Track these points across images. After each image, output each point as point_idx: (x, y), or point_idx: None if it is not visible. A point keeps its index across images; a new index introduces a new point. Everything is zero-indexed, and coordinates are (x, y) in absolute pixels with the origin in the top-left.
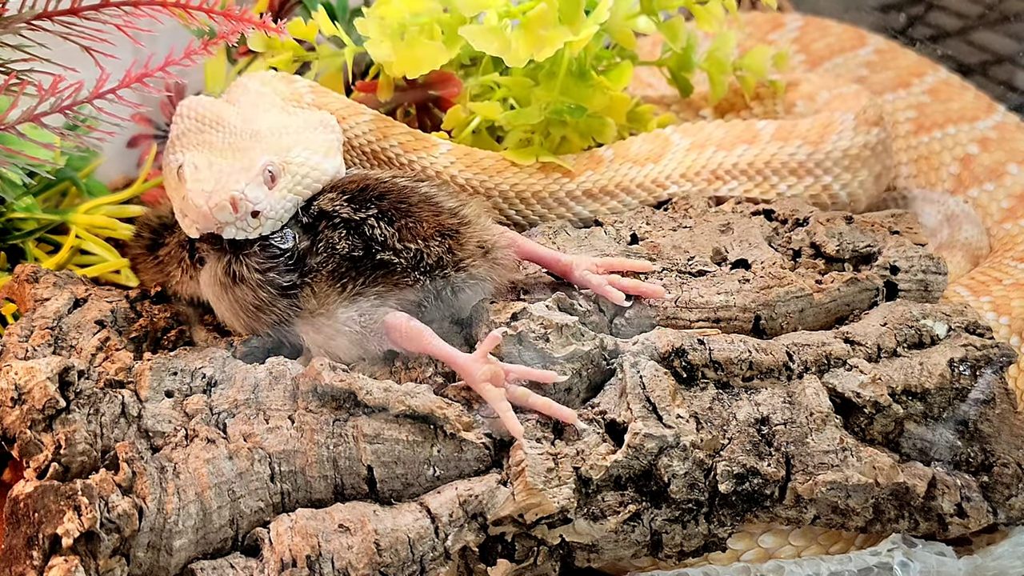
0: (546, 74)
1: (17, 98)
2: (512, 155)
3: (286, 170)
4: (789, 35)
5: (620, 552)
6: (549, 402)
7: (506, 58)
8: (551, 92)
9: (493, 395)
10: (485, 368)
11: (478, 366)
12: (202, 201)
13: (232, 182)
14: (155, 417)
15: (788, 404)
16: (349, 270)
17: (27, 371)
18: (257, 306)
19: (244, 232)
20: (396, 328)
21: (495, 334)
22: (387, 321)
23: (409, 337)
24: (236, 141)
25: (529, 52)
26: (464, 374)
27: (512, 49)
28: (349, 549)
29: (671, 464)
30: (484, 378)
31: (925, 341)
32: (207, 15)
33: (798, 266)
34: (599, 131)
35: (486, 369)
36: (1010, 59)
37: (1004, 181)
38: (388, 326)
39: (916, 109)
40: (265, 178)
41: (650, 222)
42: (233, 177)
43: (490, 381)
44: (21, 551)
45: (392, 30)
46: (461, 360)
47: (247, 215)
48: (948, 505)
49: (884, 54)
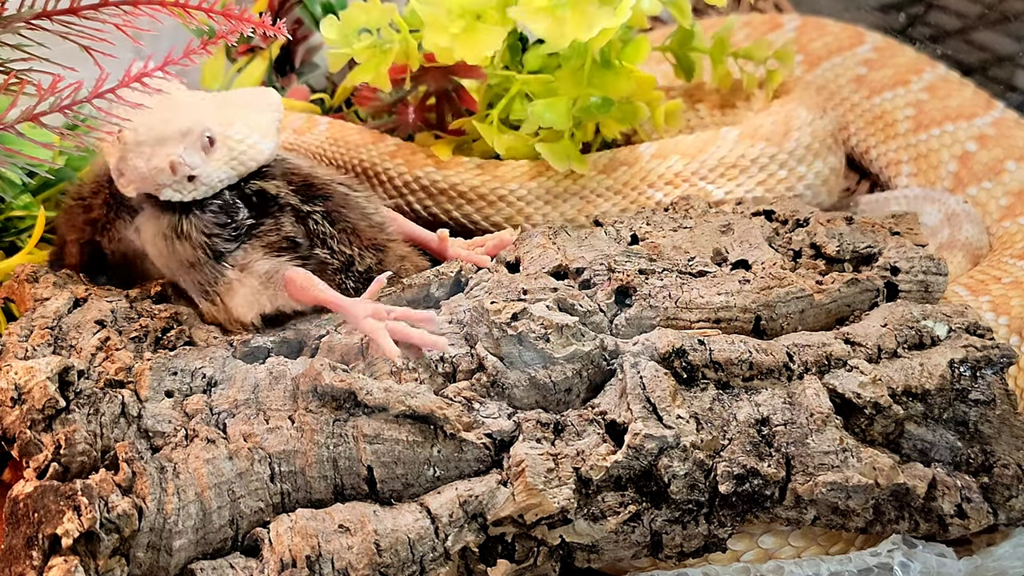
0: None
1: (16, 98)
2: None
3: (224, 143)
4: (786, 35)
5: (620, 552)
6: (423, 333)
7: (553, 38)
8: (578, 84)
9: (372, 326)
10: (368, 306)
11: (362, 305)
12: (142, 163)
13: (171, 145)
14: (155, 417)
15: (788, 405)
16: (285, 249)
17: (27, 371)
18: (191, 263)
19: (179, 194)
20: (293, 280)
21: (380, 278)
22: (287, 274)
23: (302, 288)
24: (178, 109)
25: (577, 31)
26: (348, 315)
27: (563, 27)
28: (349, 549)
29: (671, 465)
30: (366, 314)
31: (926, 342)
32: (206, 14)
33: (798, 267)
34: (632, 116)
35: (368, 306)
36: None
37: (1002, 178)
38: (288, 278)
39: (915, 107)
40: (204, 143)
41: (650, 222)
42: (172, 141)
43: (372, 316)
44: (21, 551)
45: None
46: (345, 303)
47: (184, 179)
48: (948, 506)
49: (883, 51)
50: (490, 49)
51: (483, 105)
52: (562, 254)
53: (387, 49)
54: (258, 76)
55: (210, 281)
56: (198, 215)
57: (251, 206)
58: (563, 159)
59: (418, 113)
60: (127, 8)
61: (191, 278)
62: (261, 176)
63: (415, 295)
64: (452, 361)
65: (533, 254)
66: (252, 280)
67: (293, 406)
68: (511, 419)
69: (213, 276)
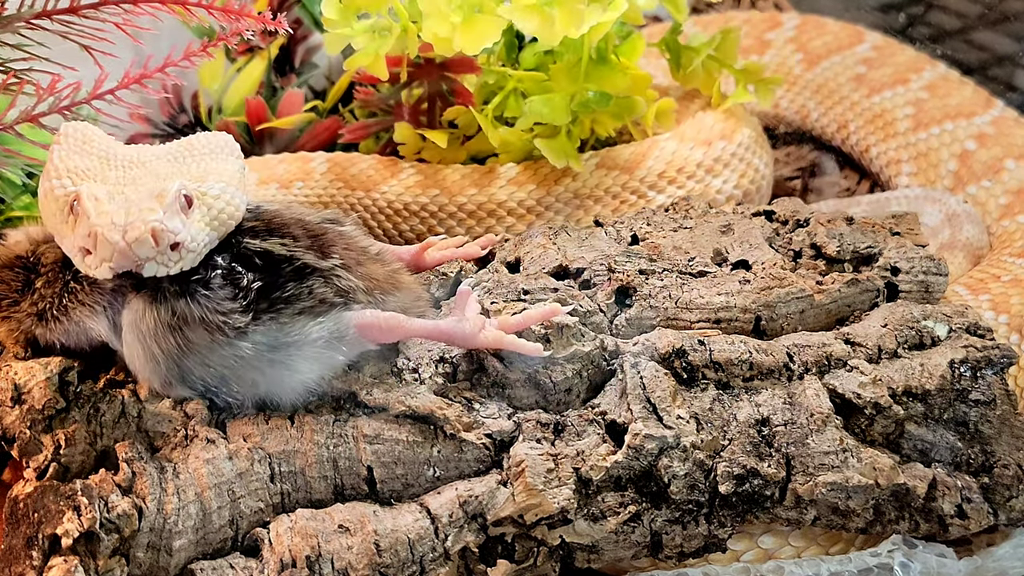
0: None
1: (15, 98)
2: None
3: (202, 201)
4: (786, 34)
5: (620, 553)
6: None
7: (543, 35)
8: (574, 80)
9: (494, 337)
10: (473, 322)
11: (469, 324)
12: (117, 236)
13: (147, 212)
14: (155, 417)
15: (788, 405)
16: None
17: (27, 371)
18: (212, 348)
19: (165, 268)
20: (371, 325)
21: (464, 287)
22: (358, 322)
23: (389, 328)
24: (136, 170)
25: (567, 28)
26: (458, 339)
27: (553, 25)
28: (349, 550)
29: (671, 465)
30: (476, 329)
31: (926, 342)
32: (207, 11)
33: (799, 267)
34: (629, 110)
35: (474, 322)
36: (1010, 59)
37: (1001, 177)
38: (361, 326)
39: (914, 106)
40: (181, 205)
41: (651, 223)
42: (147, 206)
43: (482, 331)
44: (21, 551)
45: (454, 5)
46: (450, 328)
47: (167, 248)
48: (948, 506)
49: (882, 50)
50: (489, 40)
51: (479, 101)
52: (562, 254)
53: (386, 34)
54: (257, 76)
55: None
56: (204, 294)
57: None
58: (561, 155)
59: (412, 115)
60: (127, 7)
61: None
62: (255, 235)
63: None
64: (452, 361)
65: (533, 254)
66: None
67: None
68: (511, 419)
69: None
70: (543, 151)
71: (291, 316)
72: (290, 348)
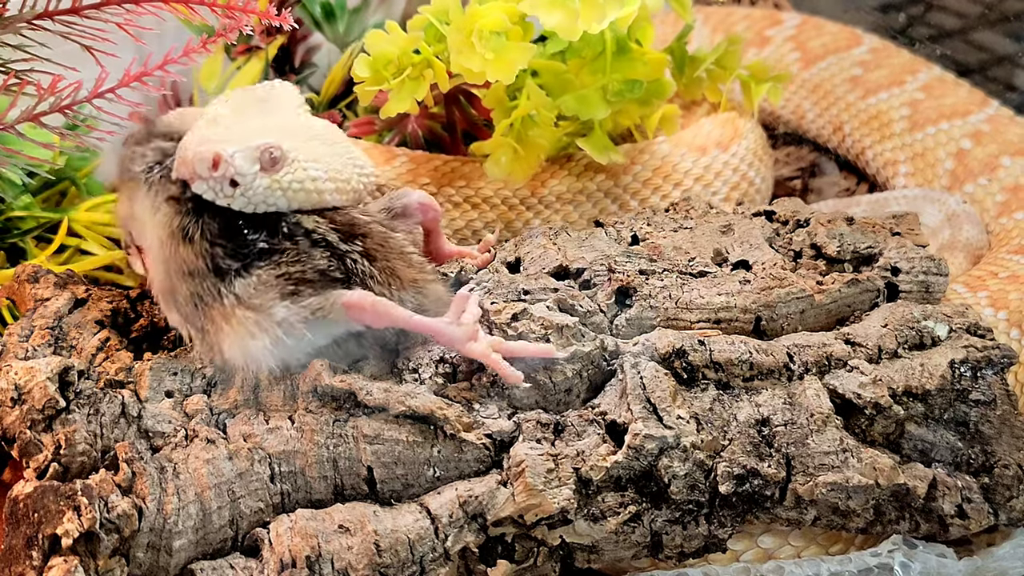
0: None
1: (16, 97)
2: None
3: (293, 168)
4: (786, 32)
5: (620, 553)
6: (537, 345)
7: (565, 29)
8: (598, 73)
9: (482, 351)
10: (467, 329)
11: (462, 330)
12: (191, 148)
13: (226, 143)
14: (155, 417)
15: (789, 405)
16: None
17: (27, 371)
18: (190, 271)
19: (214, 194)
20: (358, 305)
21: (463, 292)
22: (346, 300)
23: (376, 313)
24: (267, 119)
25: (588, 23)
26: (445, 340)
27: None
28: (349, 550)
29: (671, 465)
30: (467, 338)
31: (926, 342)
32: (209, 8)
33: (799, 267)
34: (658, 93)
35: (467, 329)
36: (1010, 59)
37: (997, 174)
38: (350, 304)
39: (910, 106)
40: (263, 159)
41: (651, 223)
42: (234, 139)
43: (473, 341)
44: (21, 551)
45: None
46: (440, 327)
47: (225, 179)
48: (949, 506)
49: (878, 53)
50: (521, 65)
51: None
52: (562, 254)
53: (421, 79)
54: (255, 75)
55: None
56: (208, 220)
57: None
58: (602, 151)
59: (420, 120)
60: (129, 7)
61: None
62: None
63: None
64: (452, 361)
65: (534, 254)
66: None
67: (293, 406)
68: (511, 419)
69: (210, 294)
70: (585, 149)
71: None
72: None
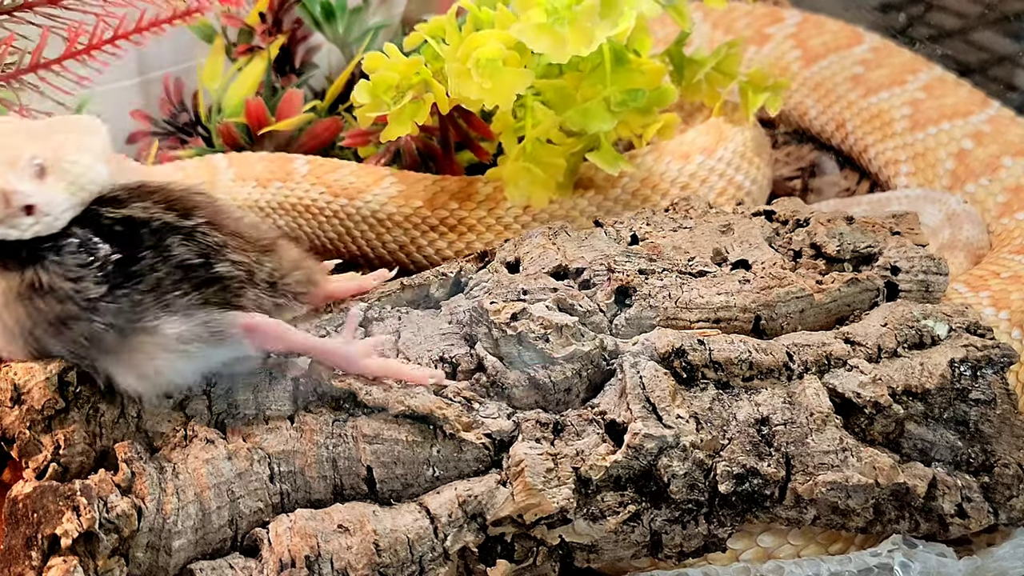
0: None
1: None
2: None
3: (57, 167)
4: (787, 30)
5: (620, 552)
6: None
7: (554, 54)
8: (600, 84)
9: (379, 366)
10: (361, 345)
11: (356, 347)
12: None
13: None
14: (154, 417)
15: (788, 404)
16: (181, 281)
17: (27, 371)
18: (63, 319)
19: (17, 231)
20: (258, 328)
21: (355, 311)
22: (245, 323)
23: (276, 336)
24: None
25: (577, 47)
26: (341, 361)
27: (564, 45)
28: (348, 549)
29: (671, 464)
30: (364, 355)
31: (926, 341)
32: None
33: (799, 266)
34: (659, 101)
35: (362, 345)
36: (1010, 59)
37: (999, 174)
38: (248, 327)
39: (911, 106)
40: (34, 171)
41: (650, 223)
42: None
43: (369, 358)
44: (20, 551)
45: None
46: (333, 347)
47: (19, 211)
48: (949, 506)
49: (879, 52)
50: (519, 90)
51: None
52: (562, 254)
53: (421, 103)
54: (257, 76)
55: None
56: (56, 260)
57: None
58: (613, 163)
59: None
60: None
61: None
62: (118, 203)
63: (414, 296)
64: (452, 361)
65: (533, 254)
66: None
67: (292, 406)
68: (510, 419)
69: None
70: (596, 163)
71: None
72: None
